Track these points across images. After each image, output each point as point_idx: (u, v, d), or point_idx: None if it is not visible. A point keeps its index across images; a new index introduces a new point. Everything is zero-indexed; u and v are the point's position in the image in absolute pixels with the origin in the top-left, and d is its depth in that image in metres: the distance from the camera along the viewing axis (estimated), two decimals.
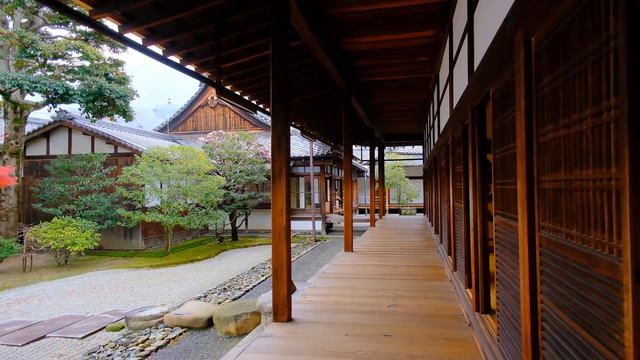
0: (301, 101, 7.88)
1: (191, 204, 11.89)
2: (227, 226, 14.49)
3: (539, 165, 1.61)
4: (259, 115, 18.09)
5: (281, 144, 3.62)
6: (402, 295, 4.39)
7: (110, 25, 3.56)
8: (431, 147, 9.93)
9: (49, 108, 11.38)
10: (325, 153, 15.64)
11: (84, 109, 10.78)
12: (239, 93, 6.27)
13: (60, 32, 12.20)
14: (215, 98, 19.16)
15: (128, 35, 3.65)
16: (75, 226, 9.91)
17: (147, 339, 5.05)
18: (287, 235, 3.60)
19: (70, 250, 9.61)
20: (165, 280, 8.48)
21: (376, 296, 4.40)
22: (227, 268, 9.68)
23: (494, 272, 2.56)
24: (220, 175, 13.49)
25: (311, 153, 13.48)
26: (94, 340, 5.16)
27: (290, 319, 3.61)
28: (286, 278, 3.59)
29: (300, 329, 3.42)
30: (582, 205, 1.22)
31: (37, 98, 11.27)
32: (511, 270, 2.11)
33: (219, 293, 7.28)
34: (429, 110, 9.87)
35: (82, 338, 5.19)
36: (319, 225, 15.54)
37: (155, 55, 3.80)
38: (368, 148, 15.18)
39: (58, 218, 10.15)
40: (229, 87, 5.93)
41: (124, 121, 12.17)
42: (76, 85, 10.80)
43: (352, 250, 7.46)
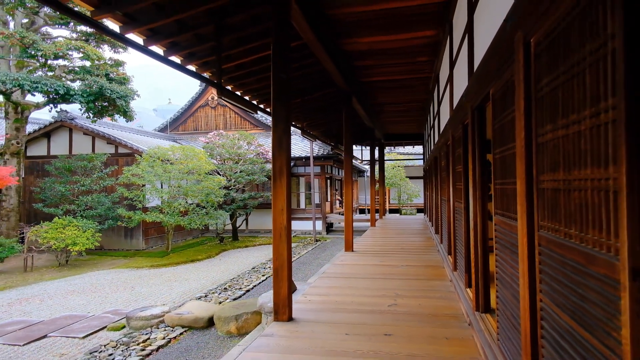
0: (302, 101, 7.89)
1: (192, 204, 11.91)
2: (228, 226, 14.51)
3: (538, 165, 1.62)
4: (260, 115, 18.11)
5: (282, 144, 3.63)
6: (403, 295, 4.40)
7: (111, 25, 3.57)
8: (431, 147, 9.93)
9: (50, 108, 11.41)
10: (325, 153, 15.65)
11: (85, 109, 10.82)
12: (239, 93, 6.28)
13: (61, 33, 12.23)
14: (216, 98, 19.19)
15: (129, 35, 3.66)
16: (76, 226, 9.93)
17: (148, 339, 5.07)
18: (288, 235, 3.61)
19: (71, 250, 9.64)
20: (166, 280, 8.50)
21: (376, 296, 4.41)
22: (228, 268, 9.69)
23: (494, 272, 2.57)
24: (220, 175, 13.51)
25: (311, 153, 13.49)
26: (95, 339, 5.17)
27: (291, 319, 3.63)
28: (287, 277, 3.60)
29: (301, 328, 3.43)
30: (581, 204, 1.23)
31: (38, 98, 11.30)
32: (511, 269, 2.12)
33: (220, 293, 7.30)
34: (429, 110, 9.88)
35: (84, 337, 5.21)
36: (319, 225, 15.56)
37: (156, 56, 3.81)
38: (368, 148, 15.20)
39: (59, 218, 10.17)
40: (230, 88, 5.94)
41: (125, 121, 12.20)
42: (77, 85, 10.83)
43: (353, 250, 7.47)
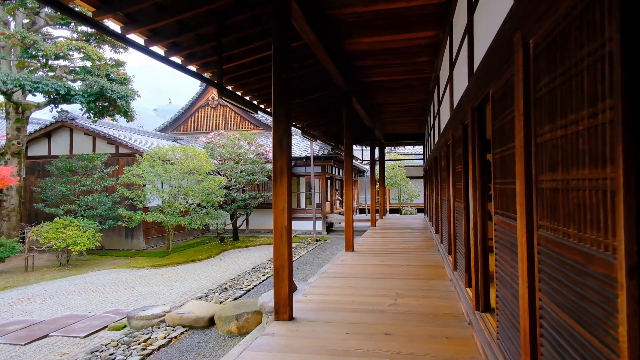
0: (302, 101, 7.91)
1: (192, 203, 11.93)
2: (228, 226, 14.52)
3: (537, 165, 1.63)
4: (260, 115, 18.13)
5: (282, 144, 3.65)
6: (403, 295, 4.42)
7: (112, 26, 3.59)
8: (431, 147, 9.95)
9: (51, 108, 11.43)
10: (325, 153, 15.66)
11: (86, 109, 10.84)
12: (240, 93, 6.29)
13: (62, 33, 12.26)
14: (216, 98, 19.20)
15: (130, 36, 3.67)
16: (76, 226, 9.95)
17: (149, 338, 5.08)
18: (289, 235, 3.63)
19: (71, 250, 9.66)
20: (167, 279, 8.51)
21: (377, 295, 4.42)
22: (228, 268, 9.71)
23: (494, 271, 2.58)
24: (221, 175, 13.53)
25: (312, 153, 13.50)
26: (96, 339, 5.19)
27: (291, 318, 3.64)
28: (287, 277, 3.62)
29: (301, 327, 3.45)
30: (579, 204, 1.24)
31: (39, 98, 11.32)
32: (510, 269, 2.14)
33: (220, 292, 7.31)
34: (430, 110, 9.89)
35: (85, 337, 5.22)
36: (319, 225, 15.57)
37: (157, 56, 3.82)
38: (369, 148, 15.21)
39: (60, 218, 10.19)
40: (231, 88, 5.96)
41: (125, 121, 12.22)
42: (78, 85, 10.85)
43: (353, 250, 7.49)
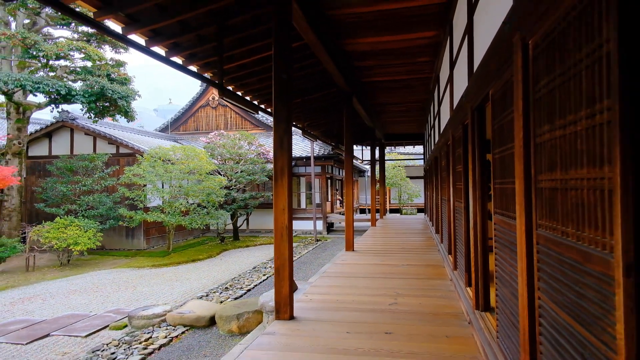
0: (302, 101, 7.92)
1: (193, 203, 11.95)
2: (229, 226, 14.54)
3: (536, 165, 1.65)
4: (260, 115, 18.15)
5: (283, 144, 3.66)
6: (403, 294, 4.43)
7: (113, 26, 3.60)
8: (432, 147, 9.96)
9: (51, 108, 11.45)
10: (326, 153, 15.67)
11: (86, 109, 10.86)
12: (240, 93, 6.31)
13: (63, 33, 12.27)
14: (217, 98, 19.22)
15: (131, 36, 3.68)
16: (77, 226, 9.97)
17: (150, 337, 5.10)
18: (289, 234, 3.64)
19: (72, 249, 9.68)
20: (168, 279, 8.53)
21: (377, 295, 4.43)
22: (229, 267, 9.72)
23: (494, 271, 2.60)
24: (221, 175, 13.55)
25: (312, 153, 13.52)
26: (97, 338, 5.21)
27: (292, 317, 3.66)
28: (288, 276, 3.63)
29: (302, 326, 3.46)
30: (577, 203, 1.26)
31: (40, 99, 11.33)
32: (510, 268, 2.15)
33: (221, 292, 7.33)
34: (430, 110, 9.90)
35: (86, 336, 5.24)
36: (320, 225, 15.59)
37: (158, 57, 3.83)
38: (369, 148, 15.22)
39: (60, 218, 10.21)
40: (231, 88, 5.97)
41: (126, 121, 12.24)
42: (78, 85, 10.86)
43: (353, 250, 7.50)
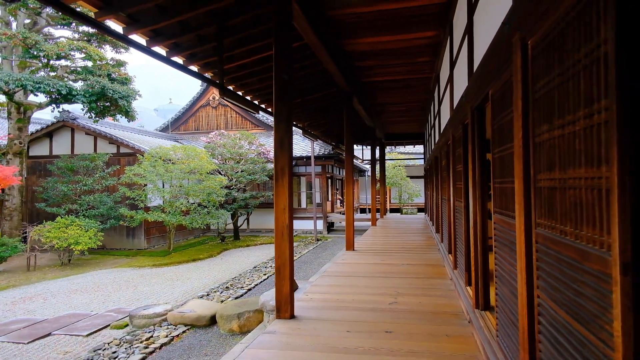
0: (303, 101, 7.93)
1: (193, 203, 11.96)
2: (229, 225, 14.56)
3: (535, 165, 1.66)
4: (261, 115, 18.16)
5: (284, 144, 3.67)
6: (403, 293, 4.44)
7: (114, 26, 3.61)
8: (432, 147, 9.97)
9: (52, 108, 11.47)
10: (326, 153, 15.69)
11: (87, 109, 10.87)
12: (241, 93, 6.32)
13: (63, 33, 12.29)
14: (217, 98, 19.24)
15: (132, 36, 3.70)
16: (78, 225, 9.99)
17: (151, 337, 5.12)
18: (290, 234, 3.65)
19: (73, 249, 9.70)
20: (168, 279, 8.55)
21: (377, 294, 4.45)
22: (229, 267, 9.74)
23: (493, 270, 2.61)
24: (222, 174, 13.56)
25: (312, 153, 13.53)
26: (98, 337, 5.22)
27: (292, 316, 3.67)
28: (289, 275, 3.64)
29: (302, 325, 3.47)
30: (575, 203, 1.27)
31: (41, 98, 11.36)
32: (509, 267, 2.16)
33: (222, 291, 7.35)
34: (430, 110, 9.91)
35: (87, 336, 5.26)
36: (320, 224, 15.60)
37: (159, 57, 3.85)
38: (369, 148, 15.23)
39: (61, 217, 10.23)
40: (232, 88, 5.98)
41: (126, 121, 12.25)
42: (79, 85, 10.88)
43: (354, 249, 7.52)
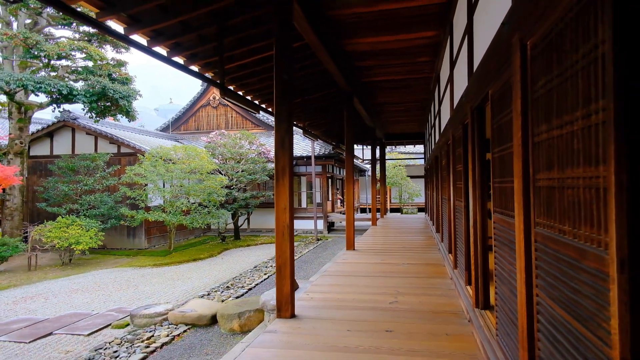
0: (303, 101, 7.94)
1: (194, 203, 11.98)
2: (230, 225, 14.58)
3: (534, 164, 1.67)
4: (261, 114, 18.16)
5: (284, 144, 3.68)
6: (404, 293, 4.45)
7: (115, 27, 3.63)
8: (432, 147, 9.98)
9: (53, 108, 11.49)
10: (327, 152, 15.70)
11: (88, 109, 10.89)
12: (242, 93, 6.33)
13: (64, 33, 12.31)
14: (218, 98, 19.25)
15: (133, 36, 3.72)
16: (79, 225, 10.01)
17: (152, 336, 5.14)
18: (291, 233, 3.67)
19: (74, 249, 9.72)
20: (169, 278, 8.56)
21: (378, 293, 4.46)
22: (230, 267, 9.76)
23: (493, 269, 2.62)
24: (222, 174, 13.58)
25: (313, 152, 13.55)
26: (99, 337, 5.24)
27: (293, 315, 3.68)
28: (289, 275, 3.66)
29: (303, 324, 3.49)
30: (574, 202, 1.28)
31: (41, 98, 11.37)
32: (509, 266, 2.17)
33: (222, 291, 7.36)
34: (430, 109, 9.92)
35: (88, 335, 5.28)
36: (320, 224, 15.61)
37: (160, 57, 3.86)
38: (369, 147, 15.25)
39: (62, 217, 10.25)
40: (232, 88, 6.00)
41: (127, 121, 12.27)
42: (80, 85, 10.90)
43: (354, 249, 7.53)
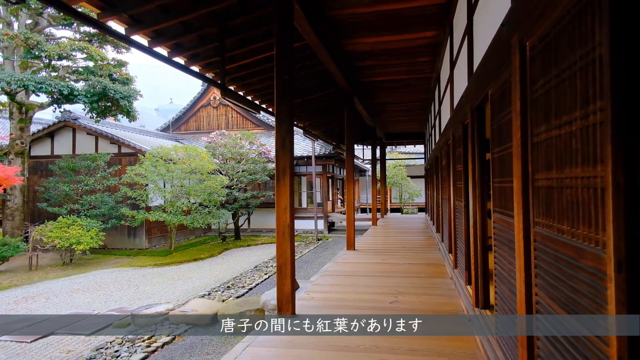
0: (303, 101, 7.96)
1: (194, 203, 11.99)
2: (230, 225, 14.59)
3: (533, 164, 1.68)
4: (262, 115, 18.17)
5: (285, 144, 3.69)
6: (404, 292, 4.47)
7: (116, 27, 3.64)
8: (432, 147, 9.99)
9: (54, 108, 11.51)
10: (327, 152, 15.71)
11: (88, 109, 10.91)
12: (242, 93, 6.35)
13: (65, 33, 12.32)
14: (218, 98, 19.27)
15: (134, 37, 3.73)
16: (80, 225, 10.02)
17: (153, 336, 5.15)
18: (291, 233, 3.68)
19: (75, 249, 9.73)
20: (170, 278, 8.58)
21: (378, 293, 4.47)
22: (231, 267, 9.77)
23: (493, 269, 2.63)
24: (223, 174, 13.59)
25: (313, 152, 13.57)
26: (101, 336, 5.25)
27: (294, 315, 3.69)
28: (290, 274, 3.67)
29: (304, 324, 3.49)
30: (572, 201, 1.29)
31: (42, 99, 11.39)
32: (508, 265, 2.19)
33: (223, 291, 7.38)
34: (431, 109, 9.93)
35: (89, 335, 5.29)
36: (321, 224, 15.62)
37: (161, 57, 3.88)
38: (370, 147, 15.25)
39: (63, 217, 10.26)
40: (233, 88, 6.01)
41: (128, 121, 12.29)
42: (80, 85, 10.91)
43: (354, 249, 7.54)
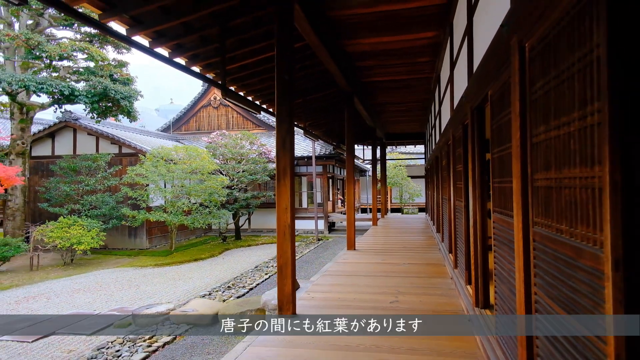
0: (304, 101, 7.97)
1: (195, 203, 12.01)
2: (231, 225, 14.60)
3: (533, 164, 1.70)
4: (262, 115, 18.20)
5: (285, 144, 3.71)
6: (404, 292, 4.48)
7: (116, 28, 3.66)
8: (433, 147, 10.00)
9: (55, 109, 11.54)
10: (327, 153, 15.72)
11: (89, 109, 10.93)
12: (243, 94, 6.36)
13: (65, 34, 12.39)
14: (218, 98, 19.29)
15: (135, 38, 3.74)
16: (80, 225, 10.04)
17: (154, 335, 5.16)
18: (292, 233, 3.69)
19: (76, 249, 9.75)
20: (170, 278, 8.59)
21: (378, 293, 4.48)
22: (231, 267, 9.79)
23: (493, 269, 2.64)
24: (223, 174, 13.61)
25: (313, 153, 13.58)
26: (102, 336, 5.27)
27: (294, 315, 3.70)
28: (291, 274, 3.68)
29: (304, 324, 3.50)
30: (570, 201, 1.30)
31: (43, 99, 11.42)
32: (508, 265, 2.20)
33: (224, 291, 7.39)
34: (431, 109, 9.94)
35: (91, 334, 5.30)
36: (321, 224, 15.64)
37: (161, 58, 3.89)
38: (370, 147, 15.26)
39: (64, 217, 10.28)
40: (233, 88, 6.02)
41: (128, 121, 12.30)
42: (81, 86, 10.93)
43: (355, 249, 7.55)
